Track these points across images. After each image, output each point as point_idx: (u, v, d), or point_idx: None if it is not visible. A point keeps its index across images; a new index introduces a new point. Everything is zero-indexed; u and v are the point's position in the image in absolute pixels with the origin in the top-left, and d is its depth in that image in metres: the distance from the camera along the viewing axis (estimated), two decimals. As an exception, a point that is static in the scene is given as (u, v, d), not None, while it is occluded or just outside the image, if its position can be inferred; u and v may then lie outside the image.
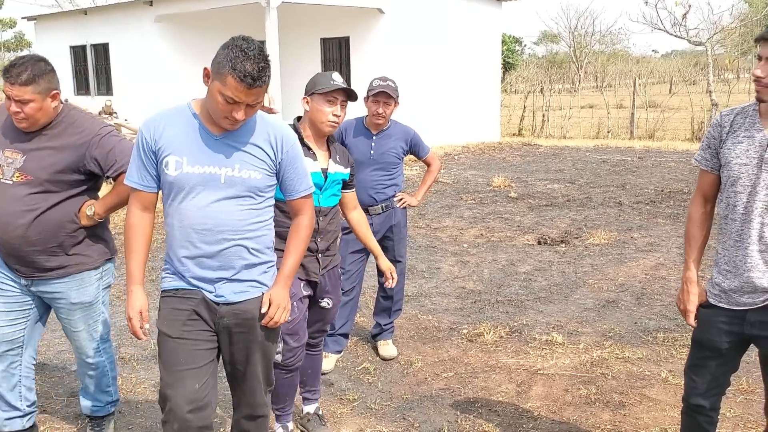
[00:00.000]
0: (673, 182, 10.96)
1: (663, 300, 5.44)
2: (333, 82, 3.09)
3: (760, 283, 2.43)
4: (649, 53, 65.51)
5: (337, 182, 3.25)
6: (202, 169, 2.36)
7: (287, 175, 2.52)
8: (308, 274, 3.16)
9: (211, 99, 2.31)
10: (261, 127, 2.45)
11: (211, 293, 2.46)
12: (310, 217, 2.64)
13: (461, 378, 4.12)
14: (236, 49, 2.23)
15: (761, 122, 2.43)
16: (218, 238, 2.39)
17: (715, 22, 20.00)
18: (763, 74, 2.32)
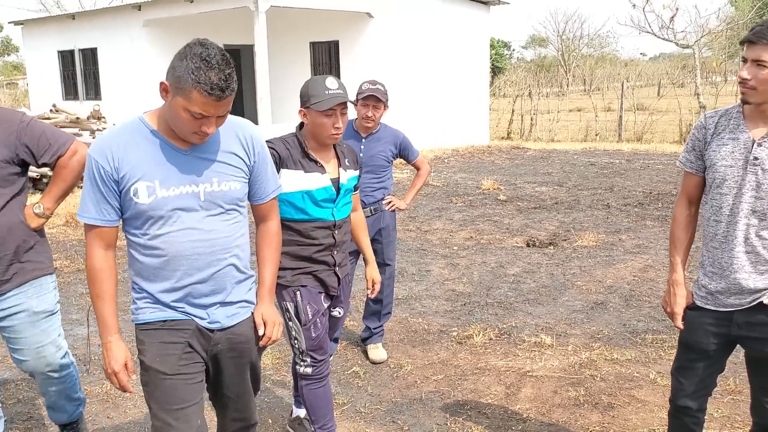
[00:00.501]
0: (661, 184, 11.03)
1: (651, 301, 5.48)
2: (328, 92, 2.86)
3: (747, 285, 2.45)
4: (637, 56, 66.00)
5: (351, 189, 3.13)
6: (178, 189, 2.15)
7: (259, 177, 2.35)
8: (327, 288, 3.08)
9: (175, 116, 2.08)
10: (228, 130, 2.25)
11: (204, 320, 2.27)
12: (279, 220, 2.50)
13: (451, 380, 4.13)
14: (196, 59, 2.00)
15: (745, 124, 2.45)
16: (211, 260, 2.21)
17: (702, 25, 20.15)
18: (749, 76, 2.34)
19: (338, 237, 3.05)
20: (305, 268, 3.01)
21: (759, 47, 2.31)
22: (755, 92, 2.35)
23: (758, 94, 2.35)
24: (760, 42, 2.31)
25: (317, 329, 3.01)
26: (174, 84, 2.04)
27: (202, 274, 2.22)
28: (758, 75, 2.32)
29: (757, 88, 2.33)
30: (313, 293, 3.03)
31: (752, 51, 2.34)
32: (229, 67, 2.03)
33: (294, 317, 3.00)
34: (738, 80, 2.41)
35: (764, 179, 2.39)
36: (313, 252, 2.99)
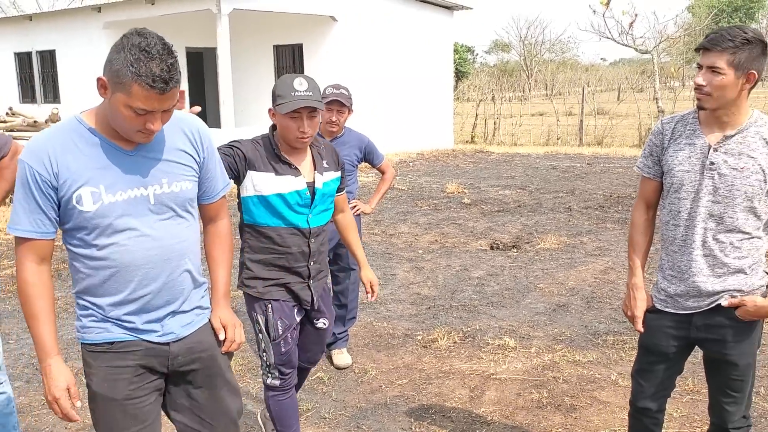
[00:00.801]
0: (621, 188, 11.21)
1: (612, 303, 5.56)
2: (294, 93, 2.71)
3: (705, 288, 2.50)
4: (598, 61, 67.05)
5: (330, 193, 2.94)
6: (126, 194, 1.99)
7: (209, 174, 2.20)
8: (300, 302, 2.94)
9: (116, 114, 1.92)
10: (173, 126, 2.09)
11: (156, 333, 2.11)
12: (229, 219, 2.34)
13: (415, 385, 4.14)
14: (134, 50, 1.84)
15: (701, 129, 2.50)
16: (166, 268, 2.07)
17: (661, 31, 20.60)
18: (704, 83, 2.39)
19: (314, 246, 2.89)
20: (278, 280, 2.87)
21: (714, 54, 2.36)
22: (710, 98, 2.40)
23: (713, 100, 2.40)
24: (714, 49, 2.36)
25: (287, 344, 2.92)
26: (113, 79, 1.87)
27: (157, 283, 2.07)
28: (713, 81, 2.37)
29: (712, 94, 2.38)
30: (285, 308, 2.90)
31: (707, 58, 2.38)
32: (171, 56, 1.89)
33: (264, 330, 2.91)
34: (694, 87, 2.45)
35: (721, 184, 2.44)
36: (288, 261, 2.85)
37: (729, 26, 2.42)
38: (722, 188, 2.44)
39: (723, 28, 2.40)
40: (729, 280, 2.49)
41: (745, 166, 2.42)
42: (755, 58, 2.36)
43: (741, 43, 2.34)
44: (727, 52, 2.34)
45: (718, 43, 2.35)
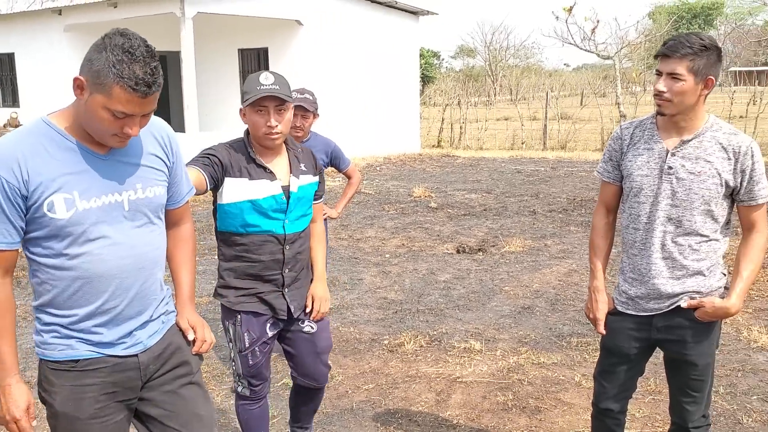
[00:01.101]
0: (584, 191, 11.36)
1: (576, 305, 5.63)
2: (260, 87, 2.64)
3: (665, 290, 2.54)
4: (561, 67, 68.00)
5: (307, 198, 2.83)
6: (100, 200, 1.91)
7: (176, 179, 2.15)
8: (276, 312, 2.82)
9: (92, 116, 1.84)
10: (144, 130, 2.02)
11: (124, 345, 2.03)
12: (192, 223, 2.31)
13: (382, 389, 4.14)
14: (117, 51, 1.78)
15: (659, 134, 2.55)
16: (139, 277, 2.00)
17: (622, 37, 20.95)
18: (665, 89, 2.43)
19: (288, 253, 2.78)
20: (250, 289, 2.78)
21: (673, 61, 2.40)
22: (671, 104, 2.44)
23: (674, 106, 2.44)
24: (674, 56, 2.40)
25: (255, 357, 2.84)
26: (92, 79, 1.80)
27: (129, 293, 1.99)
28: (673, 88, 2.41)
29: (672, 100, 2.42)
30: (255, 320, 2.80)
31: (667, 64, 2.42)
32: (154, 59, 1.82)
33: (233, 340, 2.84)
34: (654, 93, 2.48)
35: (679, 188, 2.49)
36: (260, 269, 2.76)
37: (686, 33, 2.46)
38: (680, 192, 2.49)
39: (680, 35, 2.44)
40: (688, 282, 2.54)
41: (702, 170, 2.47)
42: (713, 64, 2.42)
43: (699, 49, 2.39)
44: (686, 58, 2.38)
45: (678, 49, 2.39)
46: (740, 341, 4.76)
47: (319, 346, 2.95)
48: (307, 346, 2.93)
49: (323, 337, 2.97)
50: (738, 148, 2.46)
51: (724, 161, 2.47)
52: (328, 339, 3.02)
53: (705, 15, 64.01)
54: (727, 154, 2.47)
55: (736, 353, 4.56)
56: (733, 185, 2.48)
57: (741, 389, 4.05)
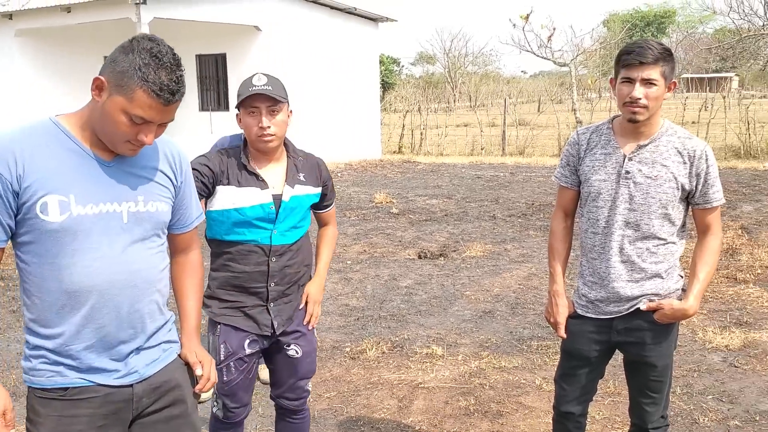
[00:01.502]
0: (542, 196, 11.49)
1: (536, 309, 5.67)
2: (252, 88, 2.55)
3: (624, 293, 2.57)
4: (519, 74, 68.88)
5: (301, 209, 2.70)
6: (98, 207, 1.81)
7: (184, 202, 2.05)
8: (260, 327, 2.68)
9: (107, 119, 1.77)
10: (155, 145, 1.94)
11: (117, 374, 1.90)
12: (200, 250, 2.19)
13: (344, 397, 4.10)
14: (145, 54, 1.73)
15: (616, 140, 2.58)
16: (131, 296, 1.88)
17: (578, 44, 21.26)
18: (641, 95, 2.43)
19: (274, 266, 2.64)
20: (234, 302, 2.66)
21: (648, 67, 2.40)
22: (646, 110, 2.45)
23: (648, 112, 2.46)
24: (648, 62, 2.40)
25: (230, 373, 2.69)
26: (115, 80, 1.73)
27: (119, 313, 1.86)
28: (649, 94, 2.43)
29: (648, 106, 2.44)
30: (234, 333, 2.66)
31: (641, 71, 2.41)
32: (179, 68, 1.79)
33: (210, 352, 2.67)
34: (627, 100, 2.45)
35: (636, 192, 2.52)
36: (245, 280, 2.64)
37: (643, 40, 2.49)
38: (638, 196, 2.52)
39: (641, 42, 2.45)
40: (647, 284, 2.57)
41: (658, 174, 2.50)
42: (673, 69, 2.46)
43: (667, 54, 2.43)
44: (658, 64, 2.41)
45: (648, 55, 2.40)
46: (696, 342, 4.85)
47: (300, 372, 2.82)
48: (288, 370, 2.81)
49: (307, 362, 2.83)
50: (693, 152, 2.51)
51: (680, 165, 2.51)
52: (311, 363, 2.86)
53: (658, 23, 65.58)
54: (683, 158, 2.51)
55: (691, 354, 4.65)
56: (689, 188, 2.53)
57: (697, 389, 4.12)
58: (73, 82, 15.35)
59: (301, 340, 2.78)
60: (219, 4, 14.64)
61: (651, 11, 66.41)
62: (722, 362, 4.51)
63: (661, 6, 66.68)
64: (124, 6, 13.52)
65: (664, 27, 65.45)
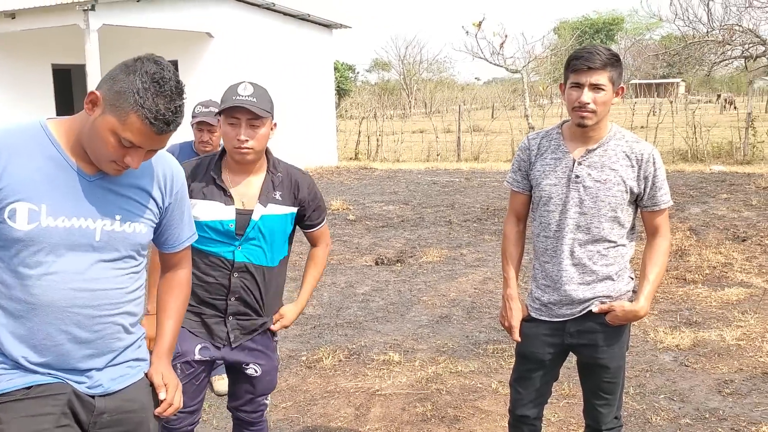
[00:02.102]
0: (496, 200, 11.60)
1: (491, 312, 5.71)
2: (236, 98, 2.49)
3: (577, 296, 2.60)
4: (473, 81, 69.58)
5: (274, 232, 2.61)
6: (70, 221, 1.74)
7: (173, 222, 1.98)
8: (213, 338, 2.61)
9: (95, 136, 1.70)
10: (147, 163, 1.86)
11: (83, 384, 1.82)
12: (190, 269, 2.15)
13: (300, 407, 4.06)
14: (146, 78, 1.67)
15: (565, 144, 2.61)
16: (93, 317, 1.79)
17: (529, 51, 21.64)
18: (590, 100, 2.46)
19: (235, 281, 2.56)
20: (194, 308, 2.58)
21: (596, 72, 2.43)
22: (595, 115, 2.48)
23: (596, 117, 2.49)
24: (596, 66, 2.43)
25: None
26: (110, 99, 1.68)
27: (79, 333, 1.78)
28: (597, 99, 2.46)
29: (596, 111, 2.47)
30: (188, 337, 2.58)
31: (590, 76, 2.43)
32: (181, 98, 1.72)
33: None
34: (575, 105, 2.48)
35: (586, 196, 2.55)
36: (205, 290, 2.57)
37: (591, 45, 2.53)
38: (587, 200, 2.55)
39: (589, 47, 2.49)
40: (598, 287, 2.60)
41: (607, 178, 2.54)
42: (621, 74, 2.50)
43: (615, 60, 2.46)
44: (606, 69, 2.44)
45: (598, 60, 2.42)
46: (647, 342, 4.94)
47: (259, 389, 2.76)
48: (246, 387, 2.75)
49: (267, 380, 2.76)
50: (641, 155, 2.55)
51: (628, 168, 2.55)
52: (271, 382, 2.80)
53: (607, 30, 67.06)
54: (631, 162, 2.55)
55: (643, 354, 4.73)
56: (637, 192, 2.57)
57: (649, 389, 4.19)
58: (20, 92, 14.94)
59: (261, 359, 2.71)
60: (170, 10, 14.45)
61: (600, 18, 67.93)
62: (673, 362, 4.60)
63: (610, 13, 68.28)
64: (71, 12, 13.22)
65: (613, 34, 66.98)
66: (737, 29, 16.48)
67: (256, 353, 2.69)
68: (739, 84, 44.22)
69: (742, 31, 16.46)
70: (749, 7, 15.98)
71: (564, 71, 2.57)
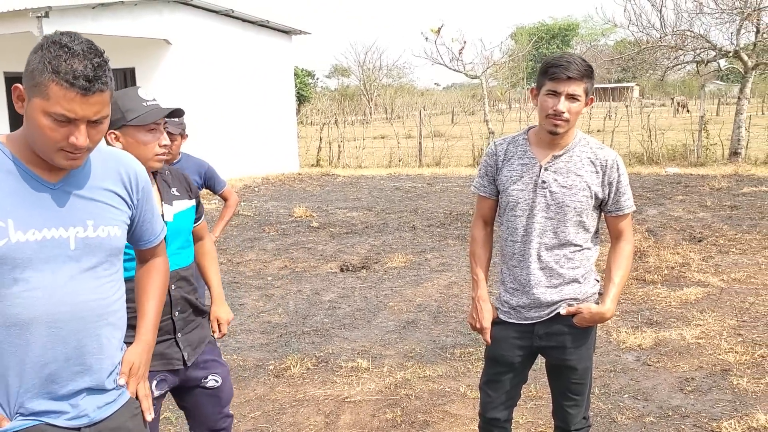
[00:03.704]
0: (459, 205, 11.70)
1: (458, 317, 5.75)
2: (146, 103, 2.37)
3: (545, 299, 2.64)
4: (432, 86, 70.08)
5: (185, 227, 2.55)
6: (41, 233, 1.67)
7: (145, 217, 1.94)
8: (170, 362, 2.48)
9: (32, 126, 1.63)
10: (107, 163, 1.82)
11: (66, 415, 1.74)
12: (165, 257, 2.11)
13: (268, 416, 4.03)
14: (54, 47, 1.60)
15: (532, 150, 2.66)
16: (77, 329, 1.72)
17: (488, 57, 21.84)
18: (565, 109, 2.49)
19: (176, 293, 2.48)
20: None
21: (574, 82, 2.46)
22: (568, 124, 2.53)
23: (568, 125, 2.54)
24: (574, 77, 2.46)
25: None
26: (29, 82, 1.61)
27: (65, 349, 1.71)
28: (572, 108, 2.50)
29: (570, 120, 2.52)
30: None
31: (567, 85, 2.46)
32: (98, 56, 1.63)
33: None
34: (551, 113, 2.50)
35: (552, 201, 2.60)
36: None
37: (569, 54, 2.54)
38: (553, 205, 2.60)
39: (569, 56, 2.50)
40: (565, 289, 2.65)
41: (573, 183, 2.59)
42: (593, 85, 2.54)
43: (591, 71, 2.50)
44: (583, 80, 2.47)
45: (576, 71, 2.45)
46: (611, 343, 5.03)
47: (223, 399, 2.70)
48: (211, 402, 2.66)
49: (227, 387, 2.71)
50: (605, 161, 2.61)
51: (593, 174, 2.60)
52: (231, 387, 2.76)
53: (562, 36, 68.20)
54: (595, 168, 2.61)
55: (607, 355, 4.81)
56: (602, 197, 2.63)
57: (614, 389, 4.27)
58: (-30, 99, 14.54)
59: (216, 368, 2.65)
60: (126, 17, 14.24)
61: (556, 24, 69.06)
62: (636, 361, 4.69)
63: (565, 19, 69.51)
64: (24, 19, 12.94)
65: (569, 39, 68.16)
66: (689, 35, 16.94)
67: (210, 363, 2.63)
68: (691, 88, 45.41)
69: (694, 36, 16.92)
70: (700, 13, 16.44)
71: (539, 77, 2.57)
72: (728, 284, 6.37)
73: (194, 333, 2.58)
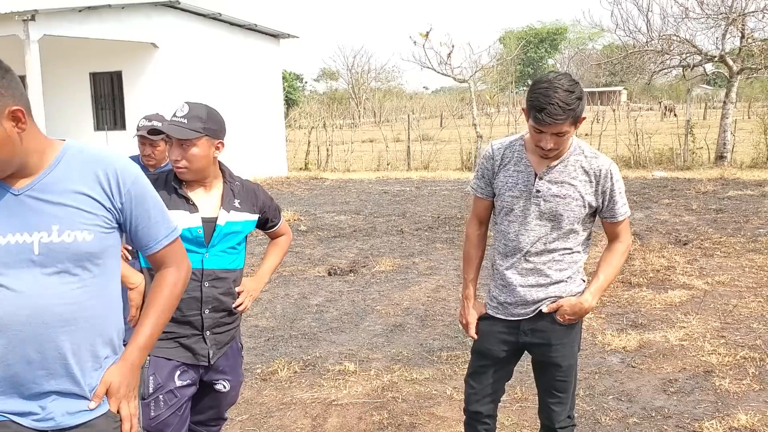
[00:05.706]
0: (447, 209, 11.74)
1: (444, 320, 5.78)
2: (172, 118, 2.62)
3: (530, 297, 2.71)
4: (421, 90, 70.21)
5: (237, 235, 2.67)
6: (5, 239, 1.69)
7: (138, 221, 1.87)
8: (196, 357, 2.59)
9: None
10: (86, 165, 1.79)
11: (33, 416, 1.73)
12: (179, 267, 1.99)
13: (256, 420, 4.04)
14: None
15: (527, 157, 2.69)
16: (41, 333, 1.71)
17: (476, 61, 21.90)
18: (553, 145, 2.53)
19: (208, 291, 2.57)
20: (168, 333, 2.51)
21: (558, 126, 2.46)
22: (557, 152, 2.58)
23: (559, 152, 2.59)
24: (558, 122, 2.45)
25: (158, 408, 2.55)
26: None
27: (26, 351, 1.70)
28: (559, 141, 2.54)
29: (559, 149, 2.56)
30: (165, 365, 2.55)
31: (551, 128, 2.47)
32: None
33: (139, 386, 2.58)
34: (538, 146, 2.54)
35: (546, 209, 2.66)
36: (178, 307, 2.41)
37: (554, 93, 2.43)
38: (547, 213, 2.66)
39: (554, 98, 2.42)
40: (551, 288, 2.71)
41: (567, 193, 2.64)
42: (583, 108, 2.56)
43: (576, 104, 2.46)
44: (569, 118, 2.47)
45: (560, 117, 2.43)
46: (596, 345, 5.07)
47: (223, 404, 2.82)
48: (212, 402, 2.78)
49: (232, 395, 2.83)
50: (598, 171, 2.65)
51: (587, 184, 2.65)
52: (235, 397, 2.87)
53: (551, 40, 68.57)
54: (589, 177, 2.65)
55: (592, 357, 4.86)
56: (596, 205, 2.69)
57: (598, 390, 4.31)
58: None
59: (230, 375, 2.76)
60: (113, 20, 14.20)
61: (544, 28, 69.42)
62: (620, 363, 4.74)
63: (554, 23, 69.87)
64: (10, 22, 12.88)
65: (557, 43, 68.53)
66: (675, 39, 17.10)
67: (227, 369, 2.74)
68: (678, 92, 45.75)
69: (680, 41, 17.08)
70: (686, 18, 16.59)
71: (526, 106, 2.54)
72: (712, 287, 6.44)
73: (223, 335, 2.69)
